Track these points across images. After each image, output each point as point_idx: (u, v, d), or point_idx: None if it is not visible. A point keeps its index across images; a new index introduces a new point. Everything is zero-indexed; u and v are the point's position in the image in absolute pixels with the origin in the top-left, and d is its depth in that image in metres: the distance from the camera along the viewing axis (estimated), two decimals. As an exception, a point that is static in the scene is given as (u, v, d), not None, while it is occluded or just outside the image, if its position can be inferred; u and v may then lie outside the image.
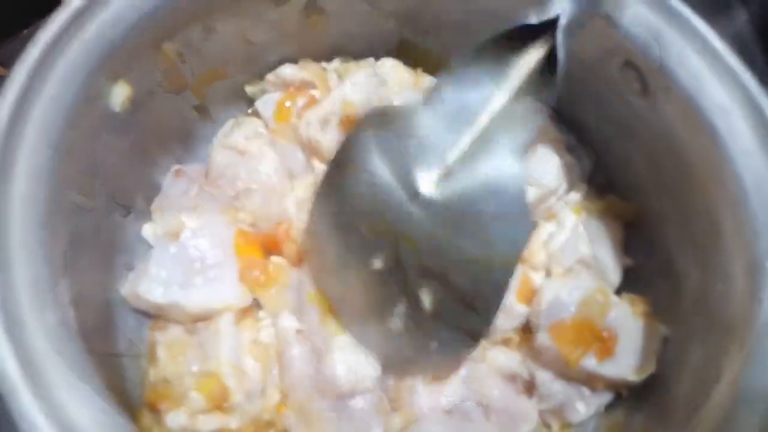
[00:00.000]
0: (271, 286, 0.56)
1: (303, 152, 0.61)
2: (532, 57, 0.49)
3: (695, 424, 0.43)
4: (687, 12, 0.48)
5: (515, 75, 0.50)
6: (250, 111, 0.66)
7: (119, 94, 0.49)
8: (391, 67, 0.65)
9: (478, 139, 0.50)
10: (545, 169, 0.61)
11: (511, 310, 0.57)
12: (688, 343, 0.51)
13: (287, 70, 0.63)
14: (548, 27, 0.47)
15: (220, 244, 0.56)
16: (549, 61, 0.48)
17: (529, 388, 0.58)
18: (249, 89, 0.65)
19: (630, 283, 0.59)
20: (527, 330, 0.58)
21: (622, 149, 0.59)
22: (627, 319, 0.54)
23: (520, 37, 0.49)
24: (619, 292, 0.58)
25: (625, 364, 0.53)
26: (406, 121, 0.51)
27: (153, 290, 0.54)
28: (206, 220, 0.57)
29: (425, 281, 0.50)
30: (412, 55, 0.67)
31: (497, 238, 0.48)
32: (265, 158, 0.59)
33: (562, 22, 0.47)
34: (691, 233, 0.51)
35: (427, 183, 0.49)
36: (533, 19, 0.48)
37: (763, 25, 0.65)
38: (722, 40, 0.47)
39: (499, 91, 0.50)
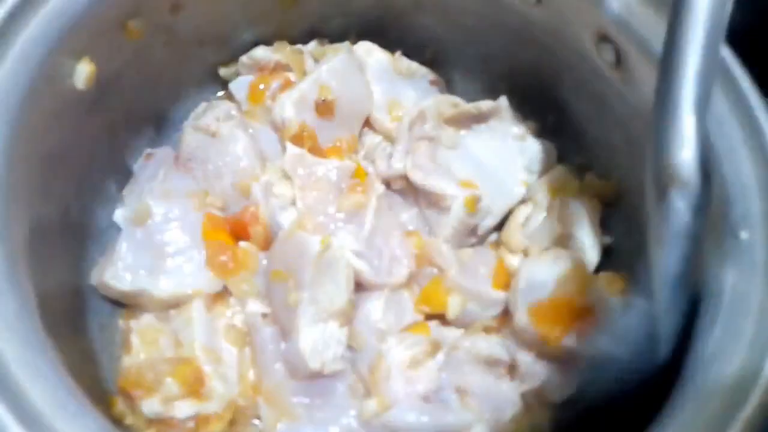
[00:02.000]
0: (239, 272, 0.55)
1: (276, 135, 0.60)
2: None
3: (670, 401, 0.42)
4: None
5: None
6: (223, 93, 0.65)
7: (83, 72, 0.48)
8: (368, 50, 0.65)
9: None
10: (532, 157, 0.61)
11: (488, 298, 0.56)
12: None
13: (261, 52, 0.62)
14: None
15: (189, 229, 0.55)
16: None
17: (511, 370, 0.57)
18: (223, 71, 0.64)
19: (610, 261, 0.58)
20: (506, 312, 0.57)
21: (600, 127, 0.58)
22: (605, 297, 0.53)
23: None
24: (598, 270, 0.57)
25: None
26: None
27: (120, 278, 0.53)
28: (174, 204, 0.56)
29: None
30: (390, 37, 0.66)
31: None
32: (236, 140, 0.58)
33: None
34: (668, 208, 0.50)
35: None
36: None
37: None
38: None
39: None
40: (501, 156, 0.61)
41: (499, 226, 0.61)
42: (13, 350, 0.36)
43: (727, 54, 0.44)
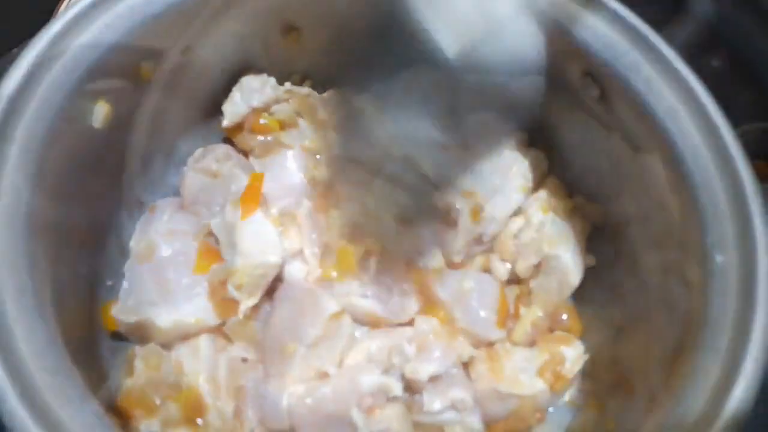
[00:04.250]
0: (232, 315, 0.56)
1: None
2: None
3: (658, 416, 0.45)
4: (639, 23, 0.51)
5: None
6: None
7: (100, 113, 0.51)
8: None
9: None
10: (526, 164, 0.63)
11: (488, 339, 0.58)
12: (652, 340, 0.52)
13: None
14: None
15: (192, 264, 0.57)
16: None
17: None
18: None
19: (598, 283, 0.61)
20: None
21: (587, 155, 0.61)
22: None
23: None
24: (581, 290, 0.60)
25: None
26: None
27: (126, 312, 0.55)
28: (180, 241, 0.58)
29: None
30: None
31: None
32: (237, 179, 0.59)
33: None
34: (651, 232, 0.54)
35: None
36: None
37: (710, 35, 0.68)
38: (672, 47, 0.49)
39: None
40: (495, 164, 0.63)
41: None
42: (45, 378, 0.38)
43: (700, 90, 0.47)
